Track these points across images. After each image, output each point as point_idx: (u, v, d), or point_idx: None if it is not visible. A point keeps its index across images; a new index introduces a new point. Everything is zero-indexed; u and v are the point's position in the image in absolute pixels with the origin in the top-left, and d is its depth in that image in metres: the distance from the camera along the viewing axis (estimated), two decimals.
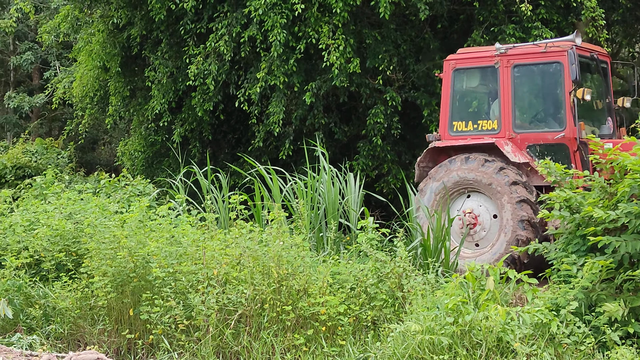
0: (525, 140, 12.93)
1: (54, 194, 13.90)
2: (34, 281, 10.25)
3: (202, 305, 8.82)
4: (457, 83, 13.68)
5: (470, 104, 14.00)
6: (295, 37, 16.71)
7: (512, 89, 13.03)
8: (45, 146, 24.47)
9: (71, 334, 9.60)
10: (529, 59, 13.09)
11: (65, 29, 22.59)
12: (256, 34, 16.67)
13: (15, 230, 11.46)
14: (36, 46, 31.21)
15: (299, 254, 9.39)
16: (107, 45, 20.38)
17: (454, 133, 13.47)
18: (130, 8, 19.39)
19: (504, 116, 13.03)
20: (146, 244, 9.66)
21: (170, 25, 18.66)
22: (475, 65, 13.58)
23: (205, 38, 17.76)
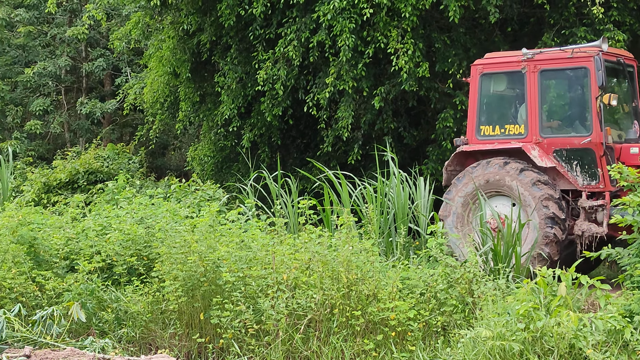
0: (551, 145, 12.97)
1: (125, 198, 14.06)
2: (106, 285, 10.34)
3: (272, 310, 8.83)
4: (485, 87, 13.73)
5: (497, 108, 14.08)
6: (364, 42, 16.68)
7: (539, 94, 13.09)
8: (116, 151, 24.71)
9: (143, 337, 9.67)
10: (555, 64, 13.14)
11: (136, 36, 22.84)
12: (325, 39, 16.68)
13: (88, 234, 11.59)
14: (108, 53, 31.59)
15: (368, 259, 9.36)
16: (177, 52, 20.54)
17: (481, 137, 13.55)
18: (200, 14, 19.53)
19: (531, 121, 13.09)
20: (216, 248, 9.70)
21: (239, 31, 18.75)
22: (503, 70, 13.68)
23: (274, 43, 17.81)
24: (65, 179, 21.63)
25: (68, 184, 21.67)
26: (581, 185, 12.71)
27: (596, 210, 12.51)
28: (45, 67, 31.24)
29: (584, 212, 12.53)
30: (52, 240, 11.36)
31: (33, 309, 10.10)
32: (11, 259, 10.58)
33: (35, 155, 31.24)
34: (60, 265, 10.94)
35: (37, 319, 9.43)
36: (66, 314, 9.47)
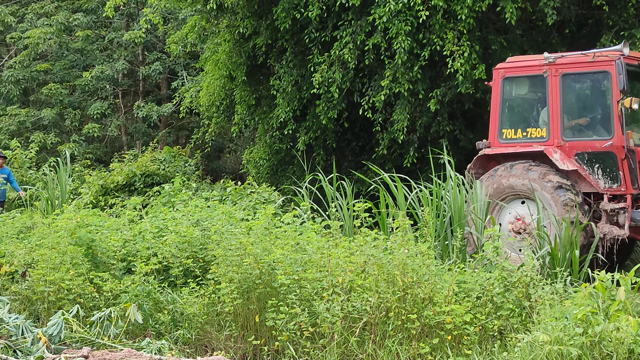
0: (573, 148, 13.06)
1: (181, 201, 14.15)
2: (162, 287, 10.41)
3: (327, 313, 8.82)
4: (507, 91, 13.89)
5: (519, 111, 14.21)
6: (419, 44, 16.63)
7: (561, 98, 13.19)
8: (173, 154, 24.91)
9: (198, 339, 9.71)
10: (577, 68, 13.23)
11: (192, 39, 23.00)
12: (380, 42, 16.66)
13: (144, 236, 11.68)
14: (164, 56, 31.85)
15: (424, 262, 9.31)
16: (233, 55, 20.64)
17: (503, 140, 13.69)
18: (255, 18, 19.60)
19: (553, 124, 13.21)
20: (271, 251, 9.72)
21: (295, 34, 18.79)
22: (524, 74, 13.80)
23: (329, 46, 17.82)
24: (122, 182, 21.85)
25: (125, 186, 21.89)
26: (603, 188, 12.76)
27: (618, 213, 12.51)
28: (103, 71, 31.58)
29: (605, 215, 12.52)
30: (110, 242, 11.47)
31: (91, 310, 10.19)
32: (69, 260, 10.70)
33: (92, 158, 31.61)
34: (118, 267, 11.04)
35: (95, 320, 9.51)
36: (123, 315, 9.54)
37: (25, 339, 8.88)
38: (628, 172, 12.58)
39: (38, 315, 10.57)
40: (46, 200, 17.68)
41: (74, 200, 19.61)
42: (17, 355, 8.63)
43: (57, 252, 10.79)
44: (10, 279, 11.27)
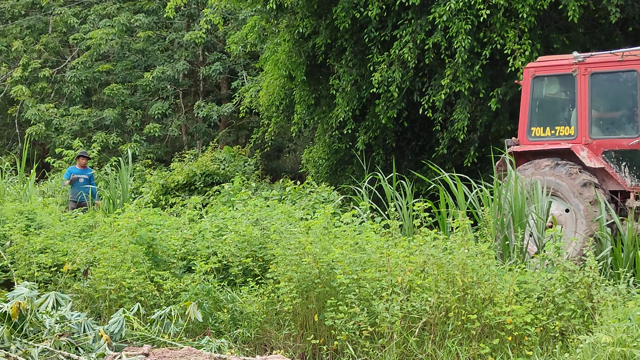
0: (600, 146, 13.27)
1: (241, 200, 14.19)
2: (222, 285, 10.44)
3: (386, 313, 8.78)
4: (536, 90, 14.12)
5: (548, 110, 14.31)
6: (480, 43, 16.53)
7: (589, 96, 13.42)
8: (232, 154, 25.04)
9: (258, 338, 9.73)
10: (606, 67, 13.40)
11: (252, 39, 23.10)
12: (440, 41, 16.58)
13: (204, 236, 11.74)
14: (224, 56, 32.01)
15: (484, 262, 9.23)
16: (293, 55, 20.68)
17: (532, 138, 13.95)
18: (315, 17, 19.62)
19: (581, 122, 13.45)
20: (330, 250, 9.70)
21: (354, 34, 18.78)
22: (554, 73, 13.99)
23: (389, 45, 17.79)
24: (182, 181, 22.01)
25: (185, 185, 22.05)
26: (629, 186, 12.89)
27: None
28: (164, 71, 31.84)
29: (631, 213, 12.49)
30: (170, 241, 11.54)
31: (151, 308, 10.26)
32: (130, 259, 10.79)
33: (153, 158, 31.87)
34: (178, 266, 11.11)
35: (155, 318, 9.57)
36: (183, 314, 9.59)
37: (87, 337, 8.97)
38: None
39: (99, 313, 10.68)
40: (108, 199, 17.86)
41: (135, 199, 19.80)
42: (79, 352, 8.72)
43: (119, 251, 10.89)
44: (72, 277, 11.39)
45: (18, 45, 34.08)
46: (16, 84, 33.38)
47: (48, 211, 14.64)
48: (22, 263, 11.67)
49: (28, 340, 8.69)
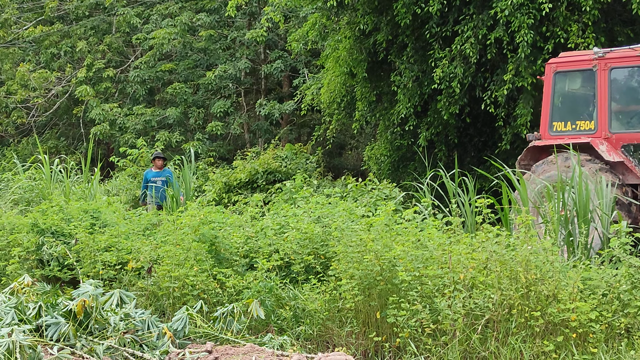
0: (620, 140, 13.58)
1: (303, 198, 14.21)
2: (284, 283, 10.47)
3: (449, 310, 8.73)
4: (558, 85, 14.51)
5: (569, 105, 14.67)
6: (543, 37, 16.38)
7: (609, 91, 13.74)
8: (294, 151, 25.09)
9: (320, 335, 9.74)
10: (625, 62, 13.76)
11: (313, 37, 23.12)
12: (503, 35, 16.46)
13: (266, 233, 11.77)
14: (286, 54, 32.10)
15: (547, 259, 9.13)
16: (354, 52, 20.67)
17: (553, 133, 14.36)
18: (376, 14, 19.59)
19: (600, 117, 13.79)
20: (392, 247, 9.67)
21: (415, 30, 18.72)
22: (575, 68, 14.38)
23: (450, 41, 17.70)
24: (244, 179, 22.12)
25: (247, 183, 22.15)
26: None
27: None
28: (225, 70, 32.02)
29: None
30: (232, 238, 11.59)
31: (214, 305, 10.32)
32: (193, 256, 10.86)
33: (216, 156, 32.08)
34: (240, 263, 11.16)
35: (218, 316, 9.63)
36: (246, 311, 9.64)
37: (151, 334, 9.05)
38: None
39: (163, 311, 10.77)
40: (171, 198, 18.00)
41: (197, 197, 19.94)
42: (143, 349, 8.80)
43: (182, 249, 10.97)
44: (136, 275, 11.50)
45: (82, 45, 34.52)
46: (81, 84, 33.82)
47: (112, 210, 14.79)
48: (87, 261, 11.82)
49: (93, 338, 8.79)
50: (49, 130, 39.32)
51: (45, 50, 35.90)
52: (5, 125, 37.57)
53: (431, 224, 10.78)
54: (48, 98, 35.49)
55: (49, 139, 38.12)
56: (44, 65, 36.38)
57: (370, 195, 14.81)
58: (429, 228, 10.48)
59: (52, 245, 12.66)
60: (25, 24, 37.18)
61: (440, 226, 10.86)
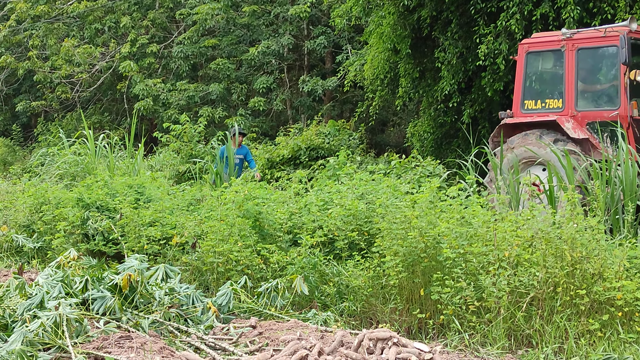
0: (585, 118, 14.30)
1: (346, 174, 14.20)
2: (328, 259, 10.48)
3: (493, 287, 8.71)
4: (529, 65, 15.22)
5: (539, 84, 15.31)
6: (589, 13, 16.21)
7: (576, 71, 14.46)
8: (337, 128, 25.07)
9: (363, 311, 9.75)
10: (590, 43, 14.42)
11: (357, 13, 23.01)
12: (548, 11, 16.32)
13: (310, 209, 11.78)
14: (329, 30, 32.00)
15: (593, 237, 9.07)
16: (398, 28, 20.57)
17: (524, 111, 15.07)
18: None
19: (567, 95, 14.52)
20: (437, 224, 9.64)
21: (460, 6, 18.59)
22: (545, 49, 15.06)
23: (495, 17, 17.56)
24: (287, 155, 22.16)
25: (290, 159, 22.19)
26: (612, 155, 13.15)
27: None
28: (268, 46, 32.00)
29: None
30: (276, 214, 11.62)
31: (258, 281, 10.37)
32: (237, 232, 10.90)
33: (259, 132, 32.12)
34: (284, 239, 11.18)
35: (262, 291, 9.67)
36: (289, 287, 9.67)
37: (196, 309, 9.11)
38: (633, 140, 13.53)
39: (207, 286, 10.83)
40: (215, 174, 18.06)
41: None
42: (187, 323, 8.86)
43: (226, 224, 11.01)
44: (181, 250, 11.57)
45: (126, 21, 34.65)
46: (124, 59, 33.97)
47: (156, 185, 14.87)
48: (132, 236, 11.91)
49: (138, 312, 8.86)
50: (92, 106, 39.59)
51: (89, 25, 36.08)
52: (50, 100, 37.86)
53: (476, 201, 10.73)
54: (92, 73, 35.69)
55: (93, 114, 38.39)
56: (88, 40, 36.58)
57: (414, 172, 14.78)
58: (473, 205, 10.43)
59: (97, 219, 12.77)
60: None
61: (484, 203, 10.81)
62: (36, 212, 14.32)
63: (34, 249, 13.49)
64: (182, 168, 21.66)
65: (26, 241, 13.54)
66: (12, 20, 37.21)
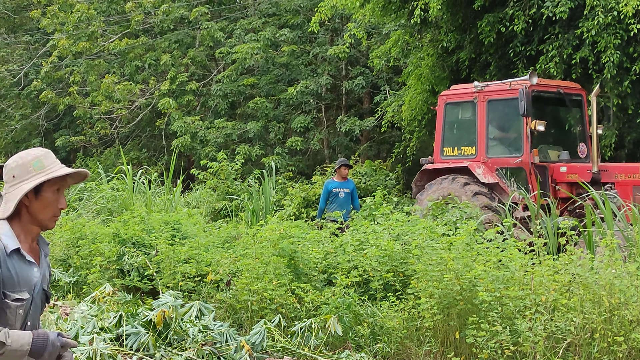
0: (495, 164, 15.57)
1: (382, 215, 14.16)
2: (362, 299, 10.43)
3: (530, 332, 8.62)
4: (448, 115, 16.54)
5: (456, 132, 16.61)
6: (629, 58, 16.14)
7: (486, 120, 15.77)
8: (374, 168, 25.03)
9: (397, 353, 9.68)
10: (498, 95, 15.64)
11: (395, 54, 23.08)
12: (588, 55, 16.27)
13: (345, 249, 11.75)
14: (367, 71, 32.06)
15: (632, 283, 8.97)
16: (436, 69, 20.60)
17: (444, 157, 16.38)
18: (459, 32, 19.51)
19: (479, 143, 15.84)
20: (473, 267, 9.58)
21: (499, 48, 18.59)
22: (461, 100, 16.38)
23: (534, 60, 17.54)
24: None
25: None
26: (518, 198, 14.94)
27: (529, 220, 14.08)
28: (307, 85, 32.09)
29: (520, 222, 14.10)
30: (311, 253, 11.60)
31: (292, 320, 10.33)
32: (272, 270, 10.89)
33: (295, 171, 32.12)
34: (319, 279, 11.16)
35: (296, 330, 9.64)
36: (323, 327, 9.63)
37: (229, 347, 9.08)
38: (535, 184, 14.57)
39: (241, 324, 10.81)
40: (251, 211, 18.09)
41: (277, 211, 19.99)
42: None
43: (261, 262, 11.01)
44: (215, 287, 11.56)
45: (166, 59, 34.93)
46: (164, 96, 34.21)
47: (193, 222, 14.92)
48: (167, 272, 11.93)
49: (172, 348, 8.86)
50: (131, 142, 39.85)
51: (129, 62, 36.42)
52: (89, 135, 38.18)
53: (513, 244, 10.66)
54: (131, 110, 35.96)
55: (131, 150, 38.62)
56: (128, 77, 36.90)
57: (451, 214, 14.69)
58: (510, 249, 10.36)
59: (132, 255, 12.81)
60: (111, 36, 37.77)
61: (522, 247, 10.73)
62: (73, 247, 14.41)
63: (69, 283, 13.54)
64: (218, 205, 21.70)
65: (62, 275, 13.60)
66: (54, 57, 37.64)
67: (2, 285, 4.09)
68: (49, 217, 4.28)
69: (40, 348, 4.04)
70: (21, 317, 4.17)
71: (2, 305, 4.10)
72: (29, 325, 4.24)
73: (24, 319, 4.21)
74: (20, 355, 4.02)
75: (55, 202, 4.27)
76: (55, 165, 4.27)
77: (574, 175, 14.89)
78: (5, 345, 3.96)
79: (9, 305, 4.11)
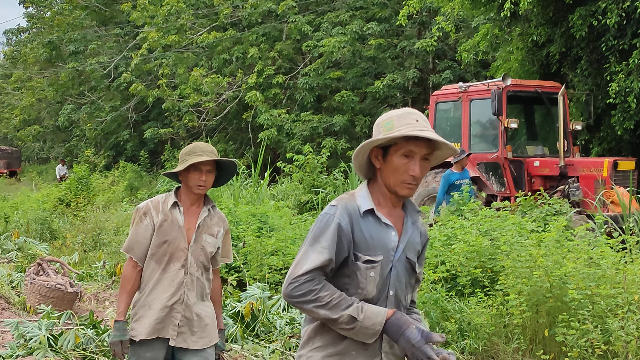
0: (475, 159, 16.58)
1: (470, 210, 14.04)
2: (450, 295, 10.36)
3: (621, 331, 8.45)
4: (438, 113, 17.88)
5: (446, 129, 17.52)
6: None
7: (469, 118, 17.00)
8: None
9: (485, 350, 9.58)
10: (478, 95, 16.81)
11: (484, 48, 22.90)
12: None
13: (432, 244, 11.69)
14: (455, 64, 31.86)
15: None
16: (526, 63, 20.38)
17: None
18: (550, 25, 19.26)
19: (464, 139, 16.99)
20: (563, 264, 9.44)
21: (590, 42, 18.30)
22: (449, 99, 17.69)
23: (627, 54, 17.22)
24: None
25: None
26: (496, 191, 16.39)
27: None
28: (394, 79, 32.01)
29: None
30: None
31: None
32: None
33: None
34: None
35: None
36: None
37: None
38: (510, 178, 16.12)
39: None
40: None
41: None
42: None
43: None
44: None
45: (254, 52, 35.15)
46: (251, 89, 34.44)
47: (280, 214, 14.97)
48: (254, 264, 11.99)
49: (259, 340, 8.90)
50: (218, 134, 40.22)
51: (217, 55, 36.76)
52: (177, 127, 38.65)
53: (604, 241, 10.46)
54: (219, 102, 36.28)
55: (218, 142, 38.97)
56: (216, 70, 37.24)
57: (540, 210, 14.50)
58: (601, 246, 10.17)
59: None
60: (199, 29, 38.15)
61: (614, 244, 10.54)
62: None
63: None
64: (304, 198, 21.76)
65: None
66: (144, 49, 38.17)
67: (353, 247, 3.98)
68: (398, 182, 4.09)
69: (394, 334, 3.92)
70: (373, 280, 4.00)
71: (353, 268, 3.98)
72: (390, 295, 4.07)
73: (381, 285, 4.04)
74: (372, 334, 3.93)
75: (403, 167, 4.07)
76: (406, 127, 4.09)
77: (546, 169, 16.26)
78: (357, 320, 3.87)
79: (359, 267, 3.97)
